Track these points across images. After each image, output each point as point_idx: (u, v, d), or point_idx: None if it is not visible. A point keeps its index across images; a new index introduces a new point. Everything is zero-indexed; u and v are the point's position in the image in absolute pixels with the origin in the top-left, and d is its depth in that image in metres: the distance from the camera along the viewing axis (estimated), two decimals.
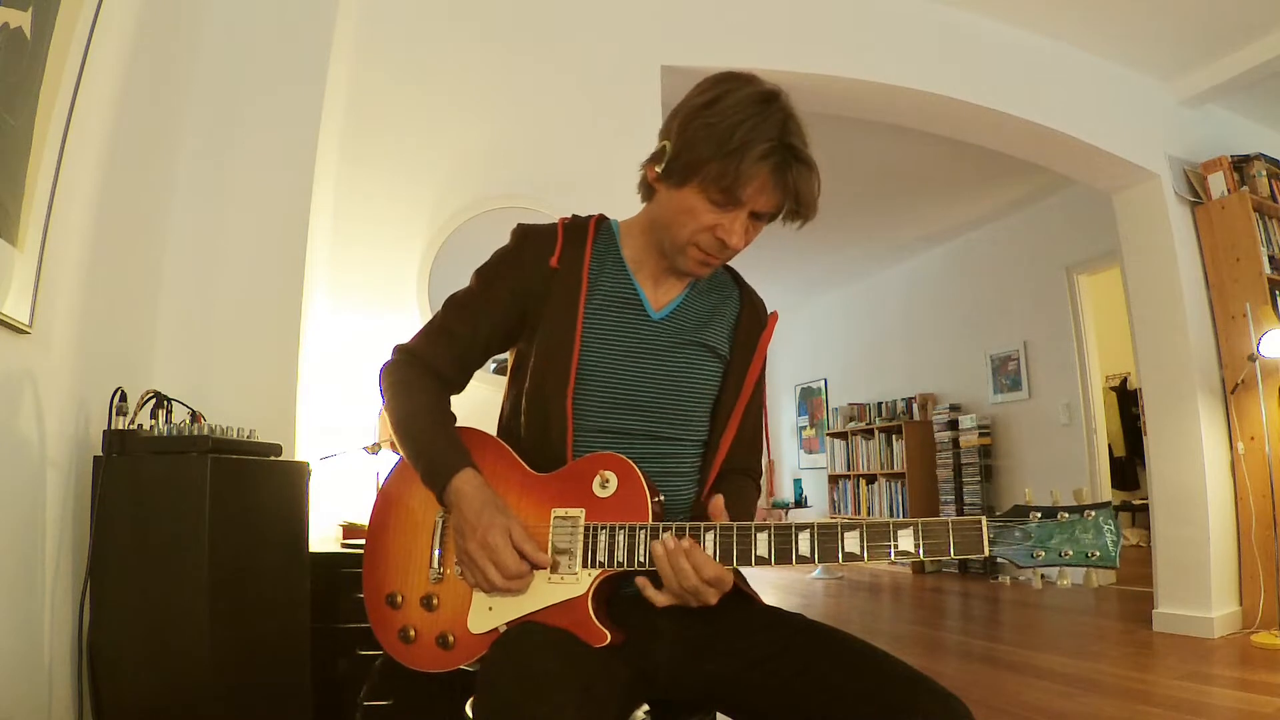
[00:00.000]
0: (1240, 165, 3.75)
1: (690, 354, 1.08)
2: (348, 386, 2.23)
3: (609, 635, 0.89)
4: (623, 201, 1.22)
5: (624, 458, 0.96)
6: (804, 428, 8.54)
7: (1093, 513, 0.84)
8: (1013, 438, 5.71)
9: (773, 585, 5.76)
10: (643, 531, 0.91)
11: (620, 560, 0.91)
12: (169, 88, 1.98)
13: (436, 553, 0.99)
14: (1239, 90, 3.78)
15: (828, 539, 0.87)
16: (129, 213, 1.78)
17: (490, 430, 1.12)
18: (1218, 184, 3.69)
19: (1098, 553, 0.82)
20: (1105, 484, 5.09)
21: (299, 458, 1.97)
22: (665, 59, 2.74)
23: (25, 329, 1.32)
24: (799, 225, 1.03)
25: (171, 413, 1.58)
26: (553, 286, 1.05)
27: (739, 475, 1.12)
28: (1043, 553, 0.84)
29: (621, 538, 0.91)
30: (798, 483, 8.01)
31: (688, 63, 2.76)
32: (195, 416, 1.56)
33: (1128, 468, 6.65)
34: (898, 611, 4.65)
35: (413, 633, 0.98)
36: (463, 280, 1.14)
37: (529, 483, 0.99)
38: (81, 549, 1.45)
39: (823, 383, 8.25)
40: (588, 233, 1.10)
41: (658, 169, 1.01)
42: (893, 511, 6.44)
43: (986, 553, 0.84)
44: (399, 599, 1.00)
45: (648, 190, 1.07)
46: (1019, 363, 5.67)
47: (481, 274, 1.12)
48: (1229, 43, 3.49)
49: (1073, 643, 3.43)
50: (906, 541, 0.85)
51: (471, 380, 1.15)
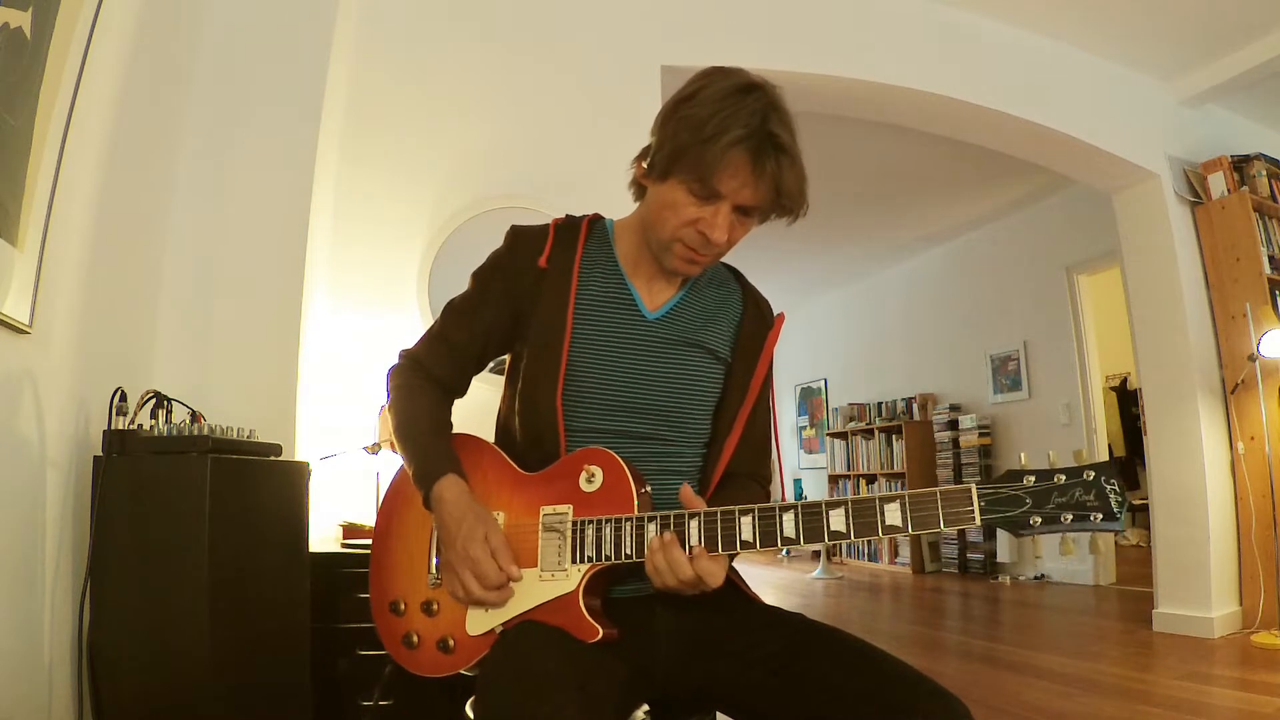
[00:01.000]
0: (1240, 165, 3.75)
1: (686, 355, 1.07)
2: (348, 386, 2.23)
3: (600, 630, 0.89)
4: (622, 202, 1.22)
5: (609, 451, 0.95)
6: (804, 428, 8.54)
7: (1091, 472, 0.77)
8: (1013, 438, 5.71)
9: (772, 585, 5.76)
10: (629, 523, 0.91)
11: (608, 554, 0.91)
12: (169, 88, 1.98)
13: (434, 559, 1.00)
14: (1239, 90, 3.78)
15: (812, 519, 0.85)
16: (129, 213, 1.78)
17: (489, 431, 1.12)
18: (1218, 184, 3.69)
19: (1100, 515, 0.75)
20: None
21: (299, 458, 1.97)
22: (665, 59, 2.74)
23: (25, 329, 1.32)
24: (789, 221, 1.01)
25: (171, 413, 1.58)
26: (542, 287, 1.05)
27: (744, 480, 1.11)
28: (1039, 519, 0.77)
29: (608, 531, 0.91)
30: (798, 483, 8.01)
31: (688, 63, 2.76)
32: (195, 416, 1.56)
33: (1128, 468, 6.65)
34: (898, 611, 4.65)
35: (415, 638, 0.98)
36: (463, 280, 1.14)
37: (519, 483, 1.00)
38: (81, 549, 1.45)
39: (823, 383, 8.25)
40: (580, 232, 1.10)
41: (644, 164, 1.01)
42: None
43: (978, 522, 0.78)
44: (402, 606, 1.00)
45: (638, 188, 1.07)
46: (1019, 363, 5.67)
47: (476, 277, 1.12)
48: (1229, 43, 3.49)
49: (1073, 643, 3.43)
50: (894, 516, 0.81)
51: (475, 381, 1.15)
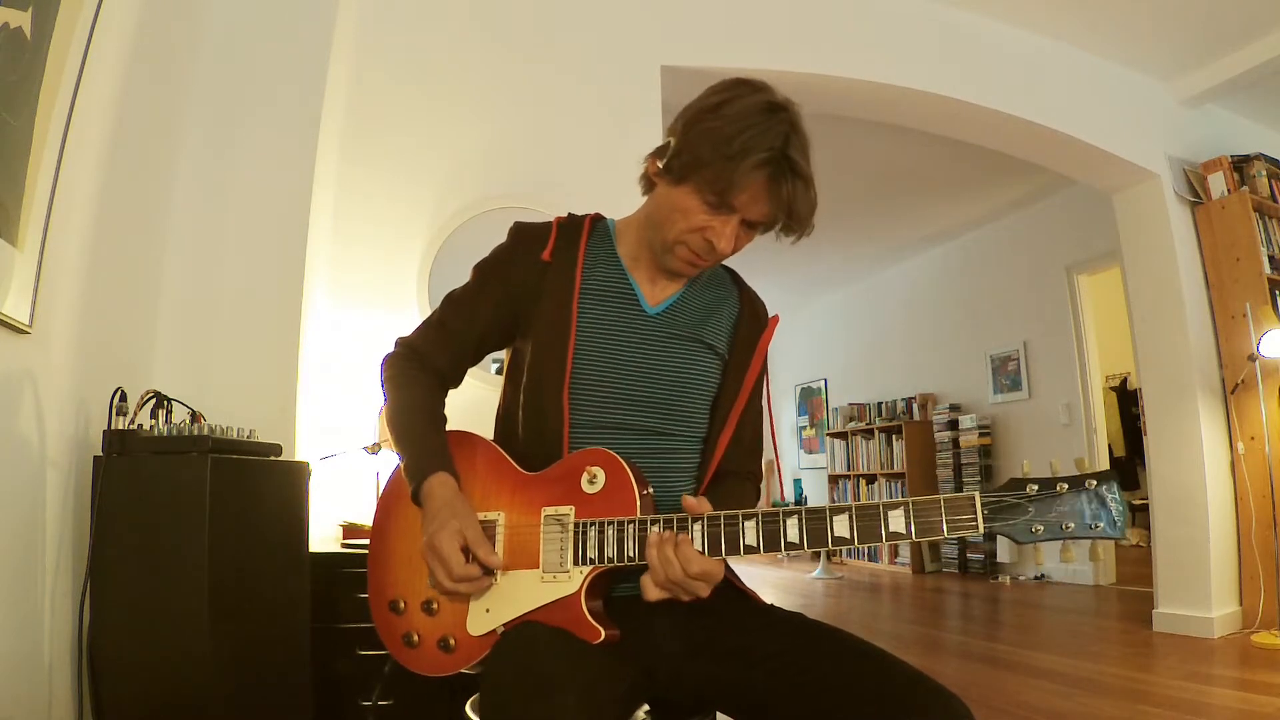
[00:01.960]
0: (1240, 165, 3.75)
1: (687, 349, 1.08)
2: (348, 386, 2.23)
3: (603, 632, 0.89)
4: (623, 201, 1.22)
5: (611, 452, 0.95)
6: (804, 428, 8.54)
7: (1094, 482, 0.78)
8: (1013, 438, 5.71)
9: (772, 585, 5.76)
10: (631, 525, 0.91)
11: (610, 555, 0.91)
12: (169, 88, 1.98)
13: None
14: (1239, 90, 3.78)
15: (816, 524, 0.85)
16: (129, 213, 1.78)
17: (488, 429, 1.12)
18: (1218, 184, 3.69)
19: (1101, 524, 0.77)
20: None
21: (299, 458, 1.97)
22: (665, 59, 2.74)
23: (25, 329, 1.32)
24: (793, 240, 1.03)
25: (171, 413, 1.58)
26: (546, 282, 1.06)
27: (736, 478, 1.12)
28: (1042, 527, 0.78)
29: (610, 533, 0.91)
30: (798, 483, 8.01)
31: (688, 63, 2.77)
32: (195, 416, 1.56)
33: (1128, 468, 6.65)
34: (898, 611, 4.65)
35: (416, 637, 0.98)
36: (463, 280, 1.14)
37: (520, 483, 1.00)
38: (81, 549, 1.45)
39: (823, 383, 8.26)
40: (582, 230, 1.11)
41: (659, 163, 1.01)
42: None
43: (981, 530, 0.79)
44: (401, 605, 1.00)
45: (647, 183, 1.08)
46: (1019, 363, 5.67)
47: (478, 270, 1.13)
48: (1229, 43, 3.49)
49: (1073, 643, 3.43)
50: (897, 522, 0.82)
51: (471, 380, 1.15)
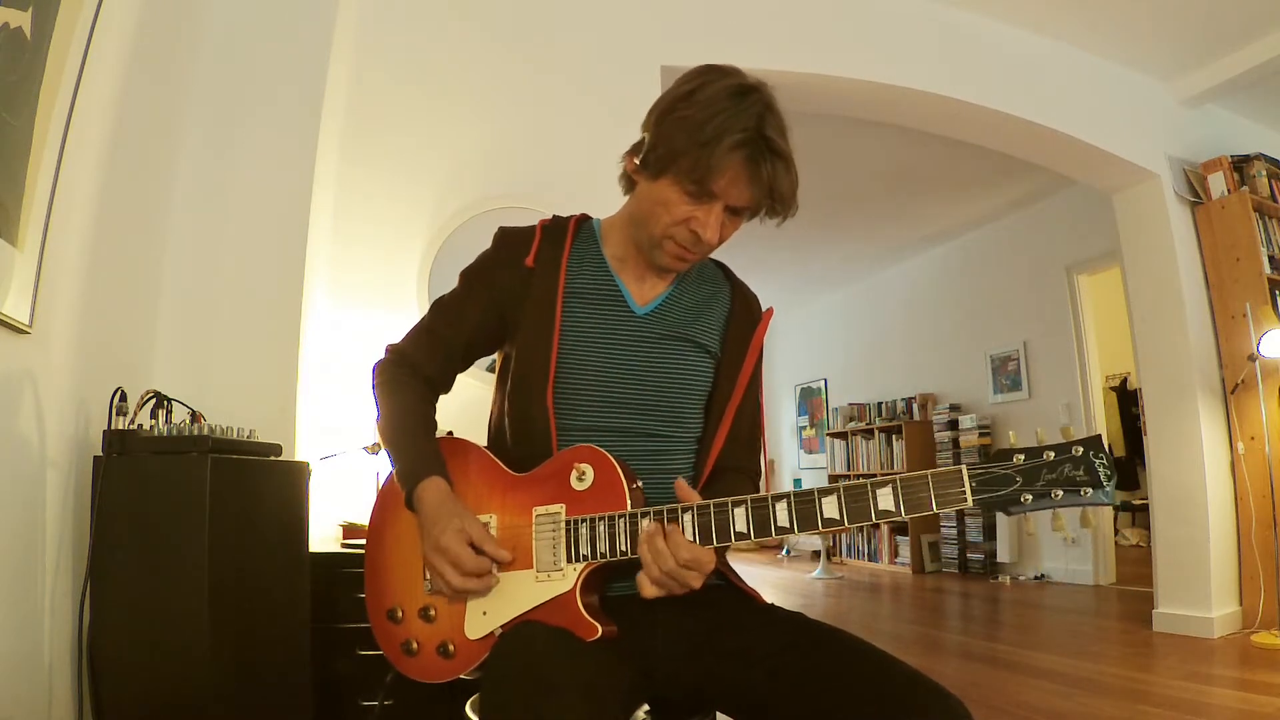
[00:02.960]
0: (1240, 165, 3.75)
1: (677, 349, 1.08)
2: (348, 386, 2.23)
3: (600, 628, 0.89)
4: (622, 201, 1.22)
5: (598, 448, 0.95)
6: (804, 428, 8.54)
7: (1079, 447, 0.78)
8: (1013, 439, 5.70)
9: (772, 585, 5.76)
10: (622, 520, 0.91)
11: (603, 551, 0.91)
12: (169, 88, 1.98)
13: None
14: (1239, 90, 3.78)
15: (805, 506, 0.85)
16: (129, 213, 1.78)
17: (480, 430, 1.12)
18: (1218, 184, 3.69)
19: (1089, 489, 0.76)
20: None
21: (299, 458, 1.97)
22: (665, 59, 2.74)
23: (25, 329, 1.32)
24: (778, 222, 1.01)
25: (171, 413, 1.58)
26: (530, 287, 1.05)
27: (734, 473, 1.11)
28: (1030, 496, 0.78)
29: (602, 528, 0.91)
30: (797, 482, 8.01)
31: (687, 63, 2.72)
32: (195, 416, 1.56)
33: (1128, 468, 6.65)
34: (898, 611, 4.65)
35: (415, 645, 0.98)
36: None
37: (511, 485, 1.00)
38: (81, 549, 1.45)
39: (823, 383, 8.25)
40: (567, 232, 1.10)
41: (636, 160, 1.01)
42: None
43: (970, 502, 0.78)
44: (399, 613, 1.00)
45: (628, 182, 1.07)
46: (1019, 363, 5.67)
47: (465, 276, 1.13)
48: (1229, 43, 3.49)
49: (1073, 643, 3.43)
50: (886, 501, 0.81)
51: (468, 380, 1.15)
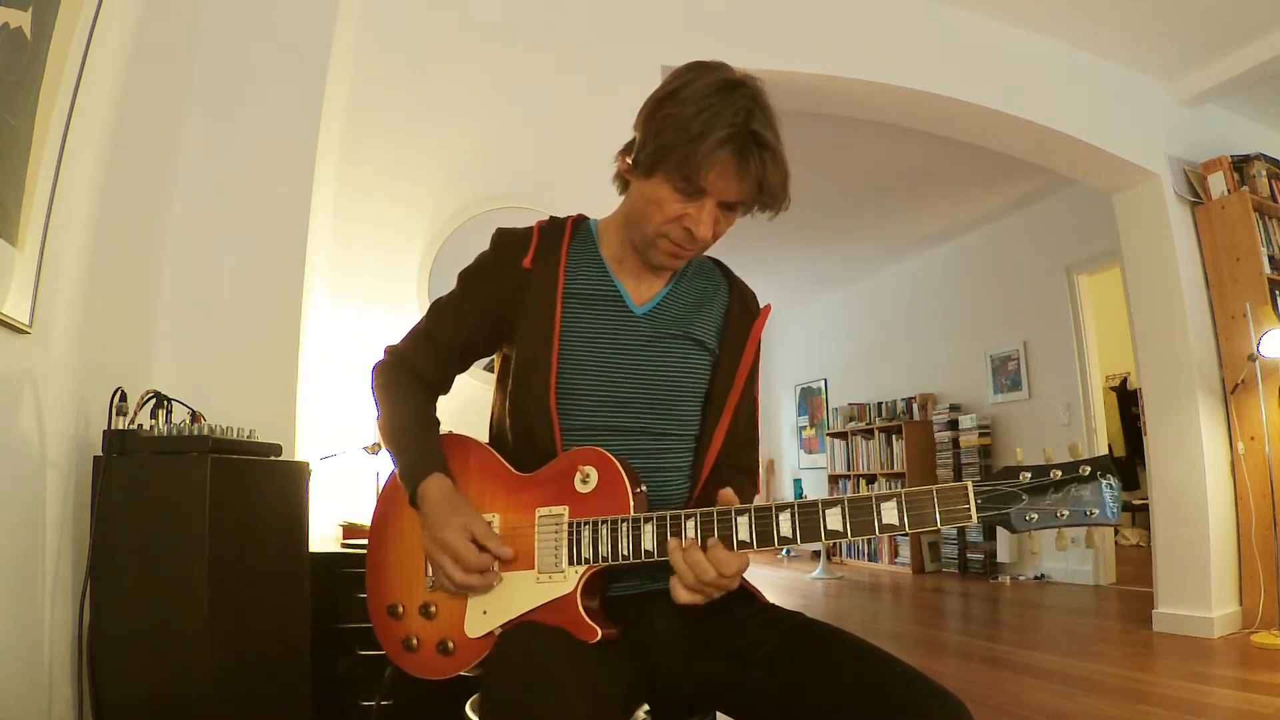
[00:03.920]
0: (1240, 165, 3.75)
1: (677, 348, 1.08)
2: (348, 386, 2.23)
3: (600, 631, 0.89)
4: (620, 201, 1.22)
5: (603, 451, 0.95)
6: (804, 428, 8.54)
7: (1088, 468, 0.77)
8: (1013, 438, 5.71)
9: (773, 585, 5.76)
10: (625, 524, 0.91)
11: (604, 555, 0.91)
12: (169, 87, 1.98)
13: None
14: (1239, 90, 3.78)
15: (809, 518, 0.85)
16: (129, 213, 1.78)
17: (482, 429, 1.12)
18: (1218, 184, 3.69)
19: (1096, 510, 0.76)
20: None
21: (299, 458, 1.97)
22: (665, 59, 2.73)
23: (25, 329, 1.32)
24: (770, 216, 1.01)
25: (171, 413, 1.58)
26: (529, 288, 1.06)
27: (735, 473, 1.10)
28: (1036, 515, 0.78)
29: (604, 532, 0.91)
30: (798, 482, 8.01)
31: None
32: (195, 416, 1.56)
33: (1128, 468, 6.65)
34: (898, 611, 4.65)
35: (415, 641, 0.98)
36: None
37: (514, 484, 1.00)
38: (81, 549, 1.45)
39: (823, 383, 8.25)
40: (564, 233, 1.10)
41: (628, 160, 1.01)
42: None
43: (974, 520, 0.79)
44: (400, 609, 1.00)
45: (622, 182, 1.07)
46: (1019, 363, 5.67)
47: (463, 278, 1.13)
48: (1229, 43, 3.49)
49: (1073, 643, 3.43)
50: (890, 515, 0.81)
51: (468, 379, 1.15)
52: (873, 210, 5.71)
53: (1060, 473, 0.78)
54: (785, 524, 0.86)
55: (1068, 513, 0.77)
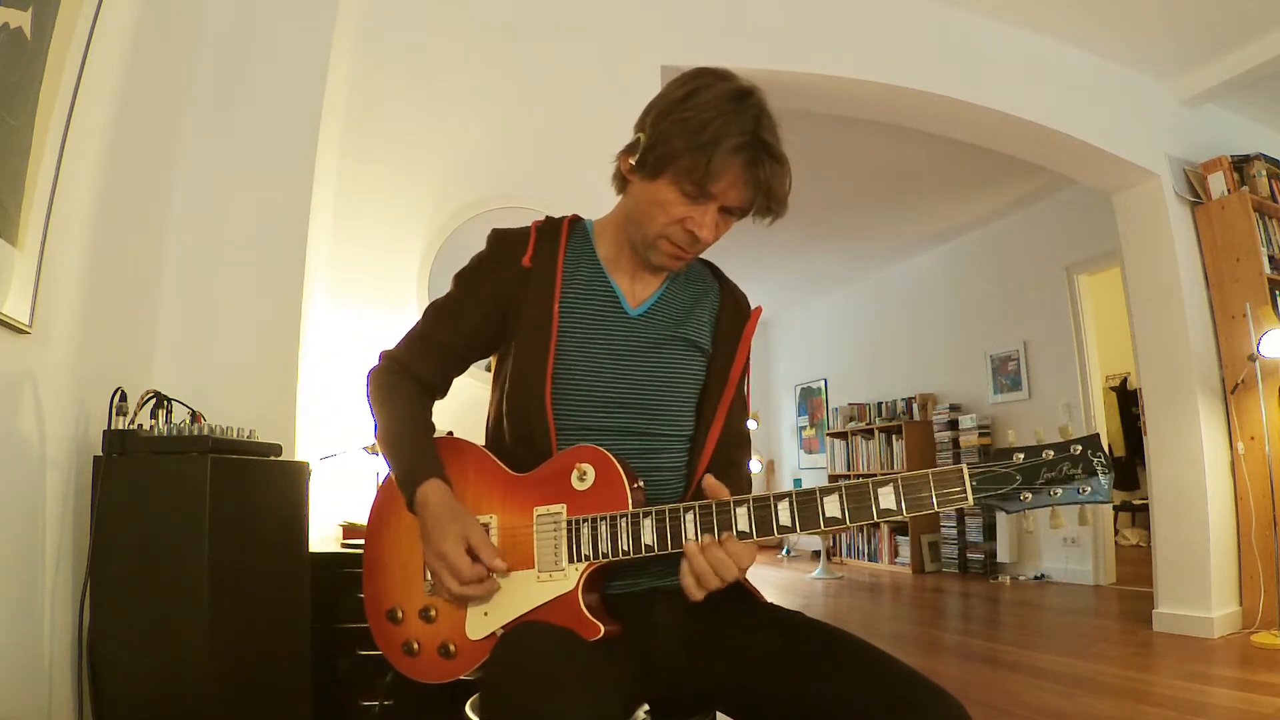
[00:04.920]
0: (1240, 165, 3.75)
1: (671, 349, 1.08)
2: (348, 386, 2.23)
3: (602, 628, 0.89)
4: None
5: (600, 449, 0.95)
6: (804, 428, 8.54)
7: (1079, 447, 0.79)
8: (1012, 438, 5.70)
9: (773, 585, 5.76)
10: (623, 520, 0.91)
11: (604, 551, 0.91)
12: (169, 87, 1.98)
13: None
14: (1239, 90, 3.78)
15: (807, 505, 0.85)
16: (129, 213, 1.78)
17: (479, 429, 1.12)
18: (1218, 184, 3.69)
19: (1089, 488, 0.78)
20: None
21: (299, 458, 1.97)
22: (665, 59, 2.74)
23: (25, 329, 1.32)
24: (769, 222, 1.03)
25: (171, 413, 1.58)
26: (527, 287, 1.06)
27: (728, 468, 1.10)
28: (1030, 494, 0.79)
29: (604, 529, 0.91)
30: (797, 482, 8.01)
31: (687, 63, 2.72)
32: (195, 416, 1.56)
33: (1128, 468, 6.65)
34: (898, 611, 4.65)
35: (416, 645, 0.98)
36: None
37: (511, 485, 1.00)
38: (81, 549, 1.45)
39: (823, 383, 8.25)
40: (561, 233, 1.11)
41: (631, 160, 1.01)
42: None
43: (970, 500, 0.80)
44: (399, 614, 1.00)
45: (621, 182, 1.08)
46: (1019, 363, 5.67)
47: (459, 279, 1.13)
48: (1229, 43, 3.49)
49: (1073, 643, 3.43)
50: (888, 499, 0.82)
51: (468, 380, 1.15)
52: (873, 210, 5.71)
53: (1052, 453, 0.80)
54: (784, 513, 0.86)
55: (1060, 491, 0.79)
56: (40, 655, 1.36)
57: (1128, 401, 6.79)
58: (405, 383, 1.10)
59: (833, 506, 0.84)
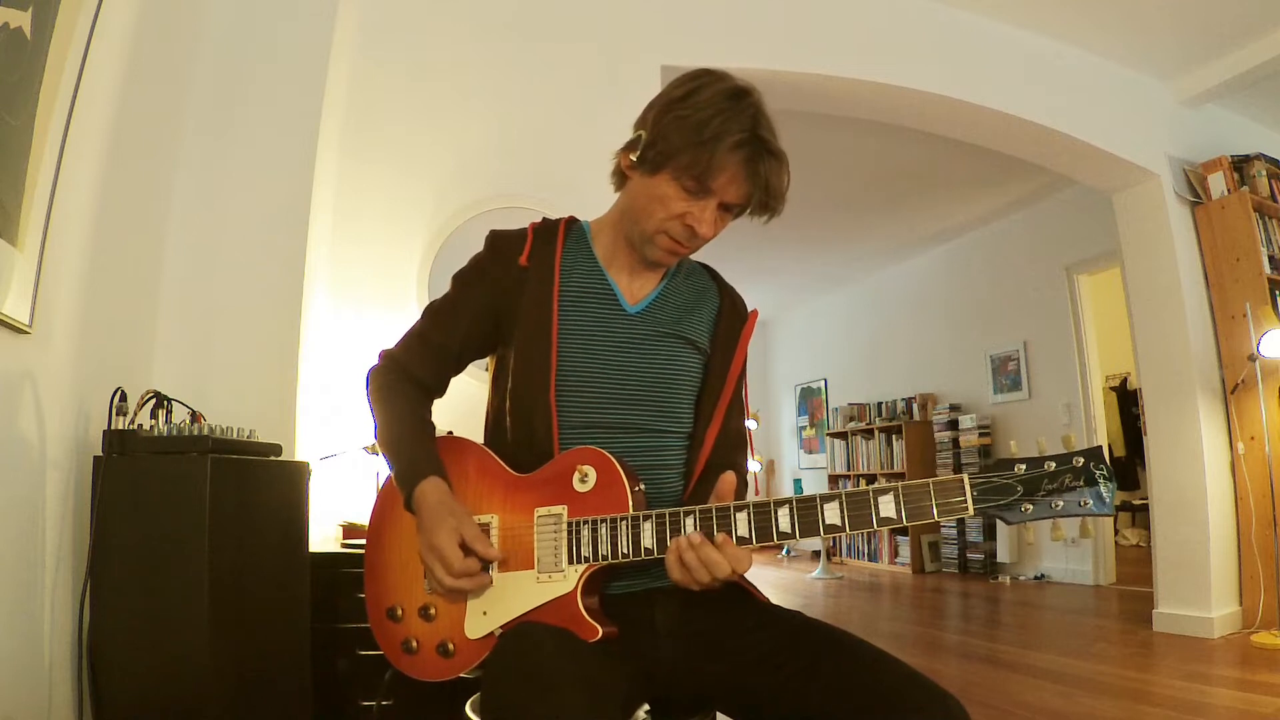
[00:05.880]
0: (1240, 165, 3.75)
1: (669, 346, 1.09)
2: (348, 386, 2.23)
3: (600, 630, 0.89)
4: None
5: (601, 450, 0.96)
6: (804, 428, 8.54)
7: (1081, 459, 0.79)
8: (1013, 438, 5.71)
9: (773, 585, 5.76)
10: (624, 522, 0.91)
11: (604, 553, 0.91)
12: (169, 87, 1.98)
13: None
14: (1239, 90, 3.78)
15: (807, 512, 0.85)
16: (129, 213, 1.78)
17: (478, 427, 1.12)
18: (1218, 184, 3.69)
19: (1090, 501, 0.78)
20: None
21: (299, 458, 1.97)
22: (665, 59, 2.74)
23: (25, 329, 1.32)
24: (766, 219, 1.04)
25: (171, 413, 1.58)
26: (525, 287, 1.06)
27: (728, 468, 1.10)
28: (1031, 506, 0.79)
29: (604, 531, 0.92)
30: (798, 482, 8.01)
31: (688, 63, 2.74)
32: (195, 416, 1.56)
33: (1128, 468, 6.65)
34: (898, 611, 4.65)
35: (415, 644, 0.98)
36: None
37: (512, 485, 1.00)
38: (81, 549, 1.45)
39: (823, 383, 8.25)
40: (558, 233, 1.12)
41: (632, 157, 1.02)
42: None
43: (971, 511, 0.80)
44: (399, 611, 1.00)
45: (620, 178, 1.09)
46: (1019, 363, 5.67)
47: (457, 280, 1.13)
48: (1229, 43, 3.49)
49: (1073, 643, 3.43)
50: (888, 508, 0.82)
51: (468, 379, 1.15)
52: (873, 210, 5.71)
53: (1054, 464, 0.80)
54: (784, 519, 0.86)
55: (1062, 504, 0.79)
56: (40, 655, 1.36)
57: (1128, 401, 6.79)
58: (403, 383, 1.10)
59: (833, 514, 0.85)
